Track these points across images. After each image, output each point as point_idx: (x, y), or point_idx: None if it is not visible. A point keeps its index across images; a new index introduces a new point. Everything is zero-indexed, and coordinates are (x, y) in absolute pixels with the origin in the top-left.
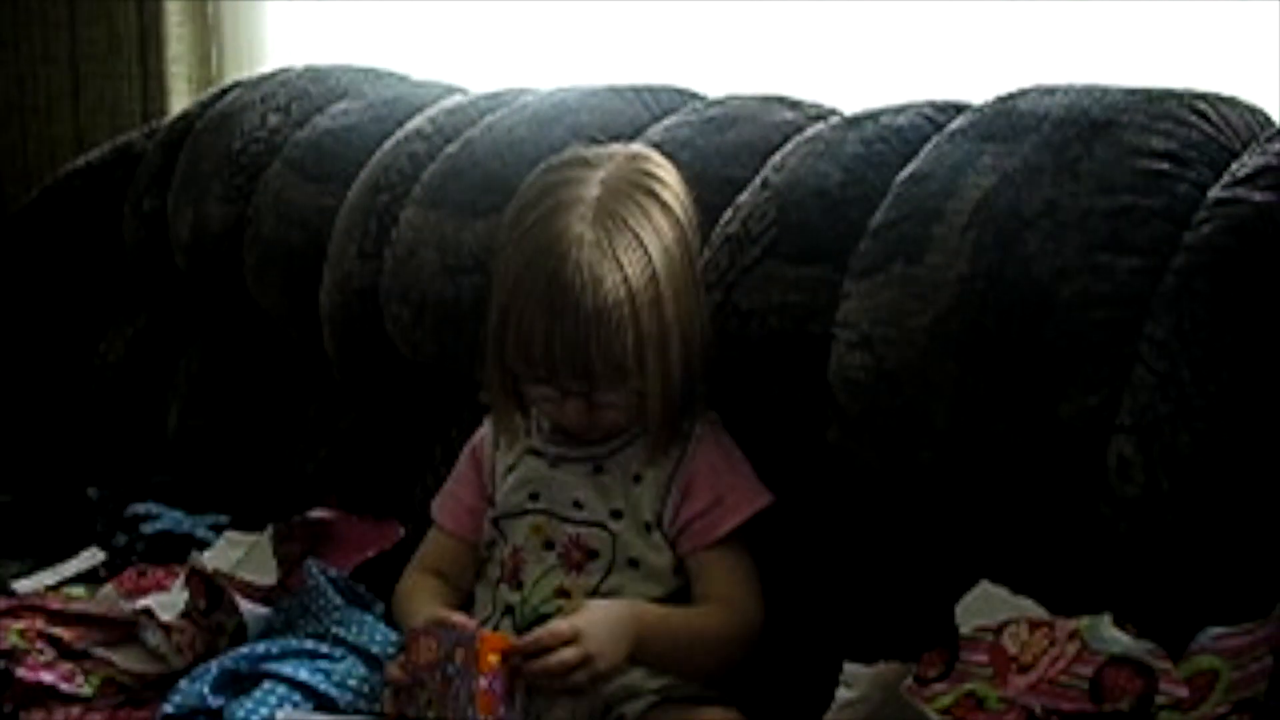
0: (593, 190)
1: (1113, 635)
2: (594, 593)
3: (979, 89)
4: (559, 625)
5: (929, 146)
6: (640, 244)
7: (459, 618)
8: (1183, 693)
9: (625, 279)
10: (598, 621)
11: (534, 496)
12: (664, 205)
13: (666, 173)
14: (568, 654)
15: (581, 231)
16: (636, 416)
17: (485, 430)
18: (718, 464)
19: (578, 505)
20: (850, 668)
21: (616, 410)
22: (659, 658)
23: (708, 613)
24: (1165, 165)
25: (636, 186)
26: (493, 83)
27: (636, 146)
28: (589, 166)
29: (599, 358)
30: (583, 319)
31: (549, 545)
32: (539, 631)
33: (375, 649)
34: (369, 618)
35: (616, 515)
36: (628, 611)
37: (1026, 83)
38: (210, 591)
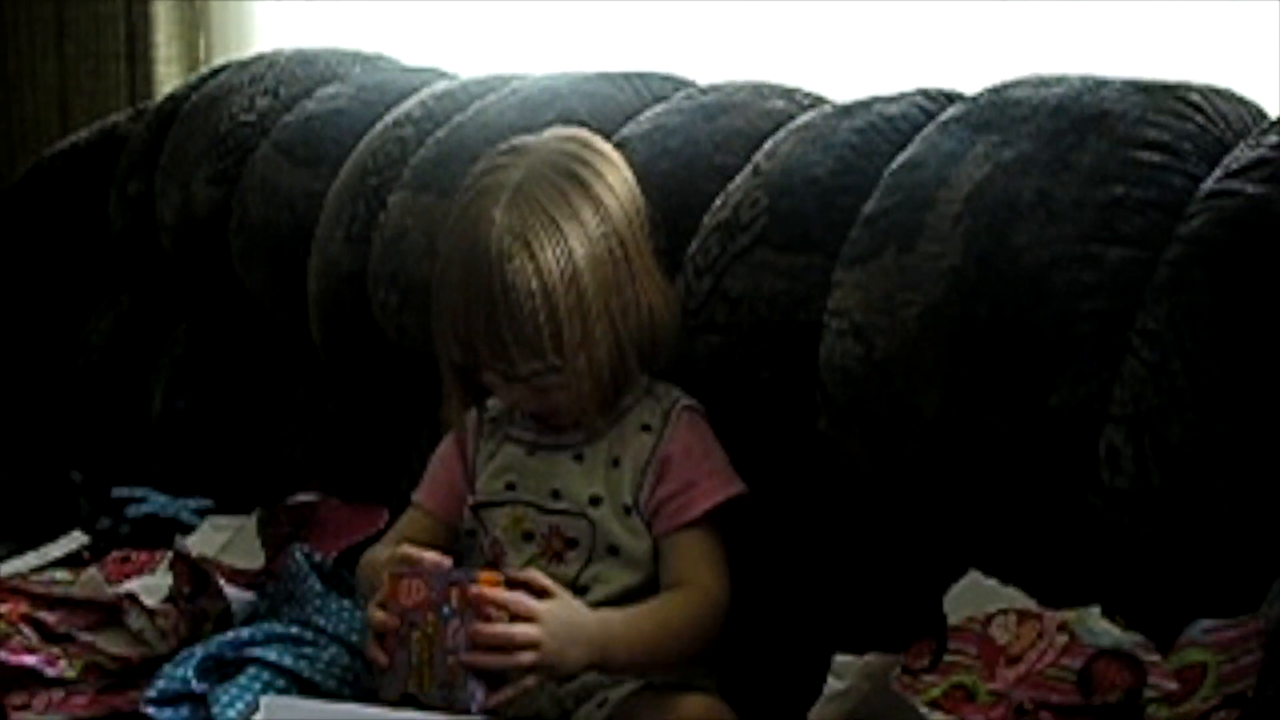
0: (514, 175)
1: (1102, 627)
2: (574, 581)
3: (971, 79)
4: (531, 602)
5: (921, 136)
6: (554, 224)
7: (430, 555)
8: (1172, 686)
9: (534, 261)
10: (561, 618)
11: (511, 486)
12: (585, 186)
13: (597, 156)
14: (524, 658)
15: (495, 215)
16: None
17: (472, 415)
18: (693, 448)
19: (556, 495)
20: (840, 659)
21: (562, 393)
22: (631, 663)
23: (672, 600)
24: (1159, 157)
25: (557, 169)
26: (482, 68)
27: (574, 131)
28: (518, 154)
29: (513, 339)
30: (493, 301)
31: (528, 536)
32: (509, 596)
33: (354, 638)
34: (348, 604)
35: (595, 502)
36: (595, 624)
37: (1019, 73)
38: (195, 576)
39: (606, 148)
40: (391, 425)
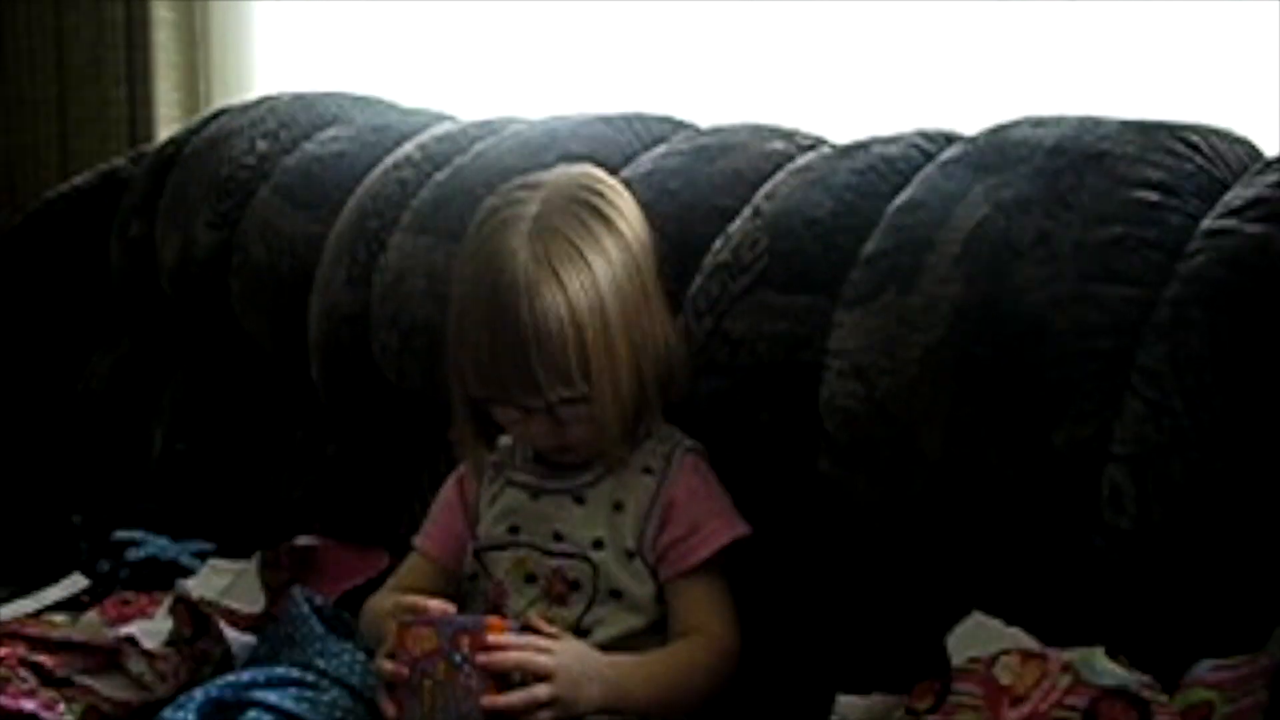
0: (532, 208)
1: (1106, 667)
2: (576, 624)
3: (966, 120)
4: (543, 640)
5: (921, 176)
6: (579, 254)
7: (435, 604)
8: None
9: (562, 288)
10: (573, 652)
11: (514, 530)
12: (604, 217)
13: (610, 189)
14: (540, 691)
15: (517, 246)
16: (599, 431)
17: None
18: (697, 491)
19: (558, 537)
20: (843, 699)
21: (582, 426)
22: (646, 706)
23: (685, 648)
24: (1157, 196)
25: (575, 201)
26: (481, 111)
27: (584, 167)
28: (531, 189)
29: (542, 368)
30: (522, 330)
31: (531, 579)
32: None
33: (355, 680)
34: (349, 647)
35: (598, 545)
36: (608, 664)
37: (1012, 114)
38: (195, 619)
39: (616, 182)
40: (392, 468)
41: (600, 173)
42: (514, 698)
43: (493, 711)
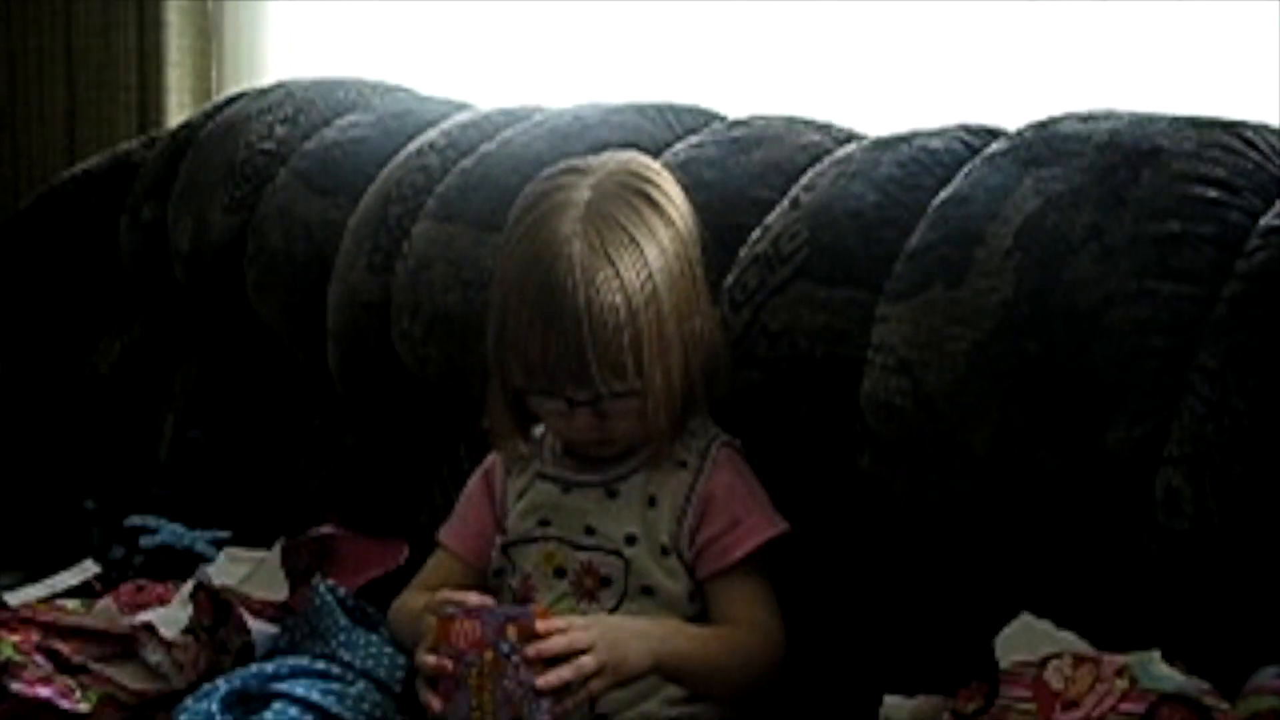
0: (583, 194)
1: (1164, 673)
2: None
3: (988, 116)
4: (585, 637)
5: (966, 170)
6: (633, 242)
7: (473, 597)
8: None
9: (618, 277)
10: (604, 622)
11: (544, 523)
12: (656, 205)
13: (660, 176)
14: (586, 662)
15: (571, 233)
16: (644, 426)
17: (496, 454)
18: (736, 486)
19: (590, 531)
20: (891, 700)
21: (626, 420)
22: (694, 667)
23: (730, 630)
24: (1215, 192)
25: (627, 188)
26: (495, 101)
27: (631, 153)
28: (579, 173)
29: (596, 359)
30: (577, 319)
31: (560, 573)
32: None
33: (382, 673)
34: (375, 639)
35: (631, 540)
36: (648, 622)
37: (1025, 113)
38: (216, 608)
39: (661, 168)
40: (412, 458)
41: (648, 159)
42: (565, 672)
43: (548, 691)
